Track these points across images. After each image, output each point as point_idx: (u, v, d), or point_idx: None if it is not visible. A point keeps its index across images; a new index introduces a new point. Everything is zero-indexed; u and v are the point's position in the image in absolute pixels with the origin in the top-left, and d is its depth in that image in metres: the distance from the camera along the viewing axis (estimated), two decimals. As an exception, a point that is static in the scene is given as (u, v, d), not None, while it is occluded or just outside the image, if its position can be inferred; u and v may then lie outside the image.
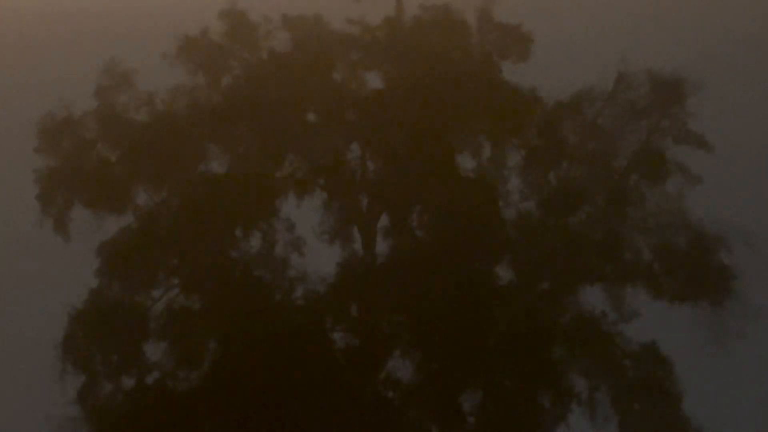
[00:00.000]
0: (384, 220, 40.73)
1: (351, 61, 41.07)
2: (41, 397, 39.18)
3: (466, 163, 41.06)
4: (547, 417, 38.54)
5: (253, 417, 37.96)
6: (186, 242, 39.67)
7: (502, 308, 39.20)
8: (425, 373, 38.94)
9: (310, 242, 40.36)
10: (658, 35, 44.23)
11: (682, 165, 40.60)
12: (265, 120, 40.13)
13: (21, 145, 40.87)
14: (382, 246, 40.41)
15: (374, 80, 41.32)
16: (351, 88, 40.97)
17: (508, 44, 41.70)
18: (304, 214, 40.37)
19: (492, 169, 40.99)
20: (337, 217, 40.54)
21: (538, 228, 39.95)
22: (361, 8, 41.39)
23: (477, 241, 39.35)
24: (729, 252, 39.88)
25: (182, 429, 38.29)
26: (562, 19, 45.60)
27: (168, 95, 40.95)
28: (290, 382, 38.01)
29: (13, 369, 41.25)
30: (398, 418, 38.76)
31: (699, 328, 39.56)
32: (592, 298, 39.93)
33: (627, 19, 43.56)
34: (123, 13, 43.42)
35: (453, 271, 38.85)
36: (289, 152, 40.44)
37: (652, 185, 40.75)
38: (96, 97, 41.09)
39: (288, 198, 40.47)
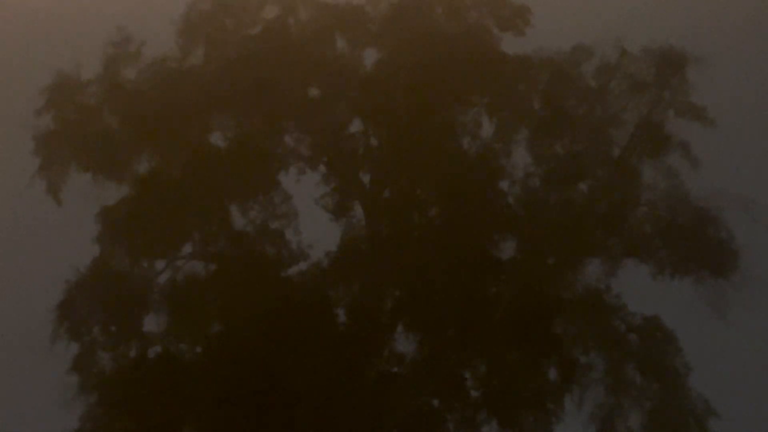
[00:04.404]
0: (387, 195, 40.72)
1: (353, 35, 40.98)
2: (39, 364, 39.39)
3: (468, 137, 40.95)
4: (552, 391, 38.66)
5: (256, 392, 38.05)
6: (188, 214, 39.70)
7: (506, 283, 39.26)
8: (428, 348, 39.03)
9: (314, 217, 40.34)
10: (660, 5, 44.01)
11: (684, 140, 40.51)
12: (267, 94, 40.07)
13: (26, 110, 40.94)
14: (385, 221, 40.45)
15: (376, 55, 41.24)
16: (353, 63, 40.86)
17: (507, 17, 41.58)
18: (307, 189, 40.36)
19: (495, 143, 40.87)
20: (340, 193, 40.51)
21: (542, 202, 39.97)
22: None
23: (480, 216, 39.39)
24: (730, 224, 39.91)
25: (184, 401, 38.43)
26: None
27: (173, 65, 40.91)
28: (293, 356, 38.09)
29: (10, 335, 41.26)
30: (401, 393, 38.86)
31: (701, 301, 39.67)
32: (596, 271, 40.01)
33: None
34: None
35: (456, 246, 38.87)
36: (291, 127, 40.39)
37: (654, 159, 40.69)
38: (101, 65, 41.07)
39: (290, 172, 40.50)
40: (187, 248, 40.11)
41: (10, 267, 41.68)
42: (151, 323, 39.67)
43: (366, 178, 40.94)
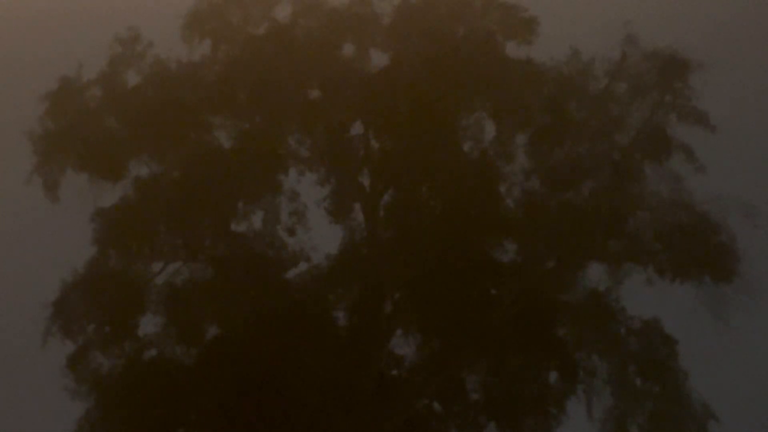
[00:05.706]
0: (387, 198, 40.60)
1: (356, 37, 40.83)
2: (35, 365, 39.15)
3: (470, 141, 40.84)
4: (553, 394, 38.59)
5: (253, 395, 37.91)
6: (187, 216, 39.54)
7: (507, 286, 39.16)
8: (428, 351, 38.93)
9: (314, 220, 40.27)
10: (662, 10, 43.98)
11: (686, 145, 40.44)
12: (267, 95, 39.93)
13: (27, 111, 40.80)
14: (385, 224, 40.31)
15: (379, 58, 41.14)
16: (355, 65, 40.71)
17: (514, 25, 41.40)
18: (307, 192, 40.25)
19: (497, 147, 40.75)
20: (340, 195, 40.37)
21: (543, 205, 39.88)
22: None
23: (481, 219, 39.29)
24: (731, 228, 39.85)
25: (181, 405, 38.29)
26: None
27: (174, 65, 40.76)
28: (291, 359, 37.95)
29: (7, 335, 41.07)
30: (401, 396, 38.78)
31: (701, 305, 39.62)
32: (596, 275, 39.97)
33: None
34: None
35: (457, 249, 38.76)
36: (293, 128, 40.25)
37: (656, 162, 40.61)
38: (105, 65, 40.95)
39: (290, 174, 40.37)
40: (186, 250, 39.94)
41: (8, 267, 41.65)
42: (148, 325, 39.54)
43: (366, 181, 40.82)
